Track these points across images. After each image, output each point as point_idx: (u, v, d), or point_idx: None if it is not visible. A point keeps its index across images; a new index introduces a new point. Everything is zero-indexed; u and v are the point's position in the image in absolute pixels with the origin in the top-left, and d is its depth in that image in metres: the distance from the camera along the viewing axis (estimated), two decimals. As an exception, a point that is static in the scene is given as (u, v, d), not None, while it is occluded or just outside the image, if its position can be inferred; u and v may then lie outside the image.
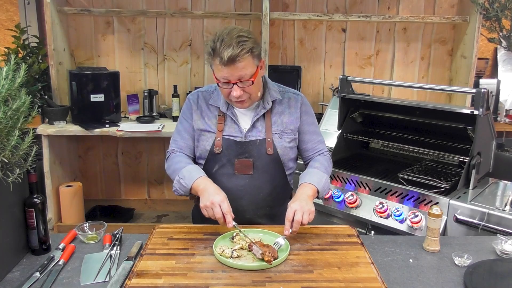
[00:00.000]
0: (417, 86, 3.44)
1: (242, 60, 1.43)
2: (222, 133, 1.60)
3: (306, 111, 1.70)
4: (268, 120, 1.62)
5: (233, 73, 1.45)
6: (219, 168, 1.62)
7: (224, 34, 1.45)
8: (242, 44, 1.43)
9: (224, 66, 1.43)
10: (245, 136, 1.60)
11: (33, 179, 1.36)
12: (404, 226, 1.99)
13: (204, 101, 1.66)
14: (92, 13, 3.14)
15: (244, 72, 1.45)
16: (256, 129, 1.61)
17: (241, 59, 1.43)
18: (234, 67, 1.43)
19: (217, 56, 1.44)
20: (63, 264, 1.31)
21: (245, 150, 1.59)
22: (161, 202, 3.69)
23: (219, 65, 1.45)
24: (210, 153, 1.61)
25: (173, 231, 1.49)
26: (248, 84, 1.48)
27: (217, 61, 1.45)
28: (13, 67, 1.17)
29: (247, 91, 1.51)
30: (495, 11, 2.63)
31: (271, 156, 1.60)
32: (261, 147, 1.60)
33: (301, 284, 1.19)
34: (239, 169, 1.60)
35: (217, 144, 1.60)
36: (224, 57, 1.41)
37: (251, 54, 1.45)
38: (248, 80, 1.47)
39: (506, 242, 1.45)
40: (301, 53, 3.46)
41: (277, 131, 1.62)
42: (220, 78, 1.48)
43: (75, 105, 3.03)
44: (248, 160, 1.59)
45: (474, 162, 1.97)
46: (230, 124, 1.62)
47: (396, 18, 3.16)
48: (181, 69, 3.46)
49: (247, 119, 1.62)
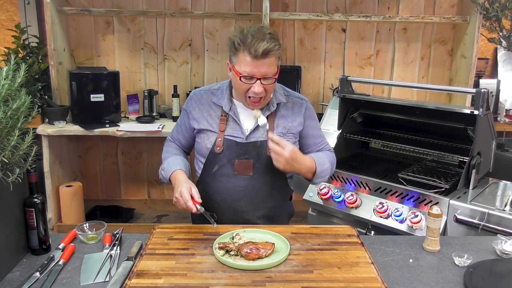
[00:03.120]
0: (417, 86, 3.44)
1: (272, 56, 1.45)
2: (224, 133, 1.60)
3: (310, 116, 1.71)
4: (271, 122, 1.62)
5: (260, 68, 1.45)
6: (219, 168, 1.61)
7: (254, 29, 1.45)
8: (273, 41, 1.44)
9: (254, 60, 1.43)
10: (247, 137, 1.60)
11: (33, 179, 1.36)
12: (404, 226, 1.99)
13: (207, 99, 1.66)
14: (92, 13, 3.14)
15: (270, 69, 1.47)
16: (258, 130, 1.61)
17: (272, 54, 1.44)
18: (263, 62, 1.44)
19: (247, 48, 1.43)
20: (63, 264, 1.31)
21: (246, 151, 1.59)
22: (161, 202, 3.69)
23: (248, 58, 1.43)
24: (211, 152, 1.61)
25: (173, 231, 1.49)
26: (270, 81, 1.49)
27: (245, 54, 1.44)
28: (13, 67, 1.17)
29: (266, 90, 1.51)
30: (495, 11, 2.63)
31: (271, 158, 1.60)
32: (262, 149, 1.59)
33: (301, 284, 1.19)
34: (239, 170, 1.59)
35: (218, 144, 1.59)
36: (258, 50, 1.40)
37: (278, 53, 1.47)
38: (271, 77, 1.48)
39: (506, 242, 1.45)
40: (301, 53, 3.46)
41: (279, 133, 1.62)
42: (244, 72, 1.46)
43: (75, 105, 3.03)
44: (248, 161, 1.59)
45: (474, 162, 1.97)
46: (232, 124, 1.61)
47: (396, 18, 3.16)
48: (181, 69, 3.46)
49: (250, 120, 1.62)
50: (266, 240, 1.41)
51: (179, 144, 1.77)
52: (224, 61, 3.44)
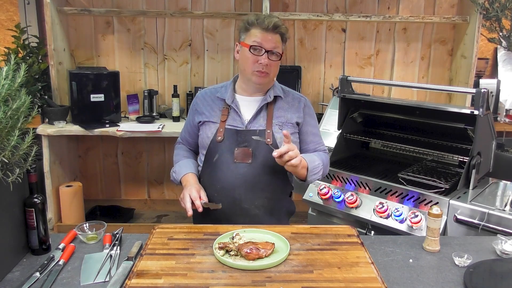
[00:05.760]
0: (417, 86, 3.44)
1: (280, 33, 1.61)
2: (225, 124, 1.67)
3: (310, 113, 1.77)
4: (270, 113, 1.69)
5: (269, 41, 1.59)
6: (219, 157, 1.66)
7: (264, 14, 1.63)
8: (282, 23, 1.62)
9: (265, 32, 1.58)
10: (246, 126, 1.66)
11: (33, 179, 1.36)
12: (404, 226, 1.99)
13: (211, 96, 1.75)
14: (92, 13, 3.14)
15: (278, 44, 1.61)
16: (257, 120, 1.68)
17: (281, 30, 1.61)
18: (273, 36, 1.59)
19: (259, 24, 1.59)
20: (63, 264, 1.31)
21: (245, 139, 1.65)
22: (161, 202, 3.69)
23: (258, 31, 1.59)
24: (212, 142, 1.67)
25: (173, 231, 1.49)
26: (275, 58, 1.61)
27: (257, 28, 1.59)
28: (13, 67, 1.17)
29: (271, 66, 1.62)
30: (495, 11, 2.63)
31: (270, 146, 1.63)
32: (261, 137, 1.64)
33: (301, 284, 1.19)
34: (238, 157, 1.64)
35: (219, 134, 1.66)
36: (270, 24, 1.57)
37: (285, 36, 1.64)
38: (277, 54, 1.61)
39: (506, 242, 1.45)
40: (301, 53, 3.46)
41: (278, 123, 1.68)
42: (253, 42, 1.59)
43: (75, 105, 3.03)
44: (247, 149, 1.64)
45: (474, 162, 1.97)
46: (233, 115, 1.68)
47: (396, 18, 3.16)
48: (181, 69, 3.46)
49: (250, 111, 1.68)
50: (266, 240, 1.41)
51: (187, 143, 1.85)
52: (224, 61, 3.44)
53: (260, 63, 1.59)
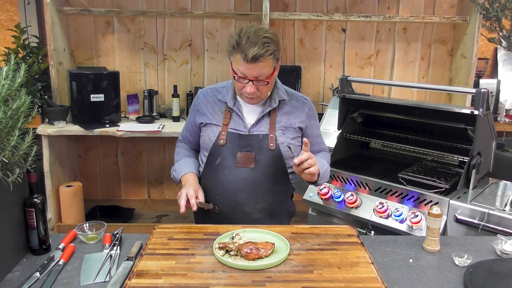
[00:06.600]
0: (417, 86, 3.44)
1: (264, 61, 1.48)
2: (227, 127, 1.65)
3: (313, 116, 1.76)
4: (273, 117, 1.66)
5: (251, 71, 1.49)
6: (221, 161, 1.64)
7: (251, 31, 1.48)
8: (267, 46, 1.47)
9: (245, 63, 1.47)
10: (249, 130, 1.64)
11: (33, 179, 1.36)
12: (404, 226, 1.99)
13: (213, 96, 1.72)
14: (92, 13, 3.14)
15: (262, 72, 1.50)
16: (260, 125, 1.65)
17: (263, 59, 1.47)
18: (255, 66, 1.48)
19: (240, 51, 1.47)
20: (63, 264, 1.31)
21: (248, 143, 1.63)
22: (161, 202, 3.69)
23: (240, 60, 1.48)
24: (214, 145, 1.65)
25: (173, 231, 1.49)
26: (263, 84, 1.54)
27: (239, 56, 1.48)
28: (13, 67, 1.17)
29: (260, 90, 1.55)
30: (495, 11, 2.62)
31: (273, 151, 1.62)
32: (264, 142, 1.63)
33: (301, 284, 1.19)
34: (241, 162, 1.62)
35: (222, 137, 1.64)
36: (248, 54, 1.45)
37: (273, 56, 1.50)
38: (264, 80, 1.52)
39: (506, 242, 1.45)
40: (301, 53, 3.46)
41: (281, 127, 1.66)
42: (237, 72, 1.52)
43: (75, 105, 3.03)
44: (250, 154, 1.62)
45: (474, 162, 1.97)
46: (236, 118, 1.66)
47: (396, 18, 3.16)
48: (181, 69, 3.46)
49: (253, 115, 1.66)
50: (266, 240, 1.41)
51: (188, 142, 1.83)
52: (224, 61, 3.44)
53: (246, 91, 1.54)
